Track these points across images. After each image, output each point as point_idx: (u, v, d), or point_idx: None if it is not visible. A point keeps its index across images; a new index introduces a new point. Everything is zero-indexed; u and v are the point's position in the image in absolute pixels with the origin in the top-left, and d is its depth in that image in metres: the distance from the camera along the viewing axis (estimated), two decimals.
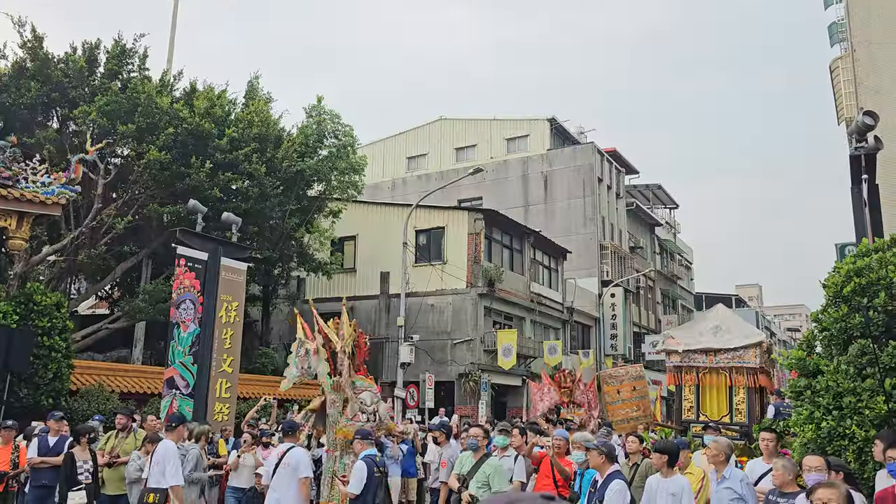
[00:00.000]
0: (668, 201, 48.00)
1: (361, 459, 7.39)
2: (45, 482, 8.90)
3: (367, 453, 7.47)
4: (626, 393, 15.00)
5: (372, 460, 7.37)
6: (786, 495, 5.76)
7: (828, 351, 7.20)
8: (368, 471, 7.18)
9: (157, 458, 7.57)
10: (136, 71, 20.03)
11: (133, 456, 8.80)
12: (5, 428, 9.41)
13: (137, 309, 18.62)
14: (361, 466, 7.25)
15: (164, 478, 7.46)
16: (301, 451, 7.97)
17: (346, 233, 26.96)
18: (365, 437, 7.74)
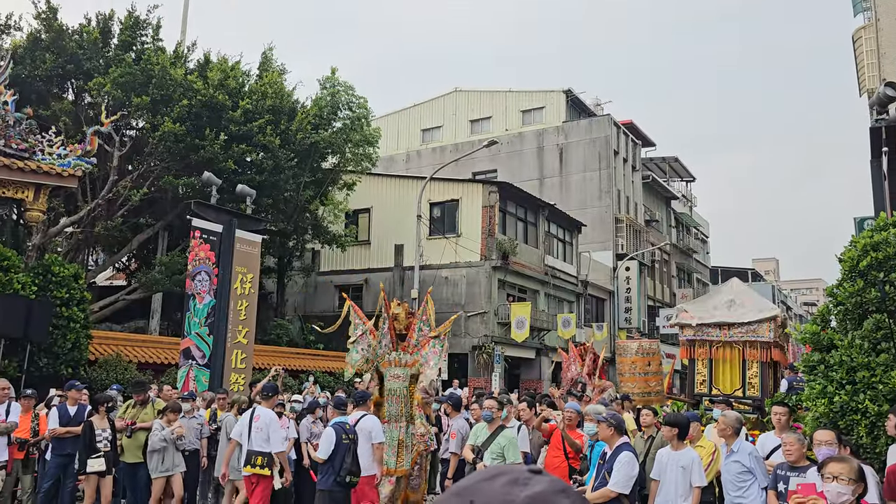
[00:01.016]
0: (685, 174, 47.51)
1: (331, 426, 7.73)
2: (69, 451, 9.07)
3: (337, 420, 7.81)
4: (639, 367, 14.98)
5: (341, 427, 7.63)
6: (796, 469, 5.75)
7: (842, 325, 7.15)
8: (336, 437, 7.50)
9: (261, 424, 8.11)
10: (150, 42, 19.99)
11: (155, 426, 8.94)
12: (25, 397, 9.58)
13: (154, 280, 18.80)
14: (330, 433, 7.61)
15: (267, 443, 8.03)
16: (374, 419, 8.35)
17: (361, 205, 26.97)
18: (338, 406, 8.16)
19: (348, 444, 7.56)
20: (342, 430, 7.63)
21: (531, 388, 24.82)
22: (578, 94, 38.65)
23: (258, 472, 8.03)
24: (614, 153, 35.85)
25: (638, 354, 14.88)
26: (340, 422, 7.78)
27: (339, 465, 7.47)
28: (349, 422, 7.87)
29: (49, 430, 9.06)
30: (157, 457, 8.88)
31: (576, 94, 38.38)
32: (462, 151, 33.02)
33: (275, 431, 8.16)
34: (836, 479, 3.94)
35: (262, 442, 8.08)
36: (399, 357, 9.37)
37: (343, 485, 7.49)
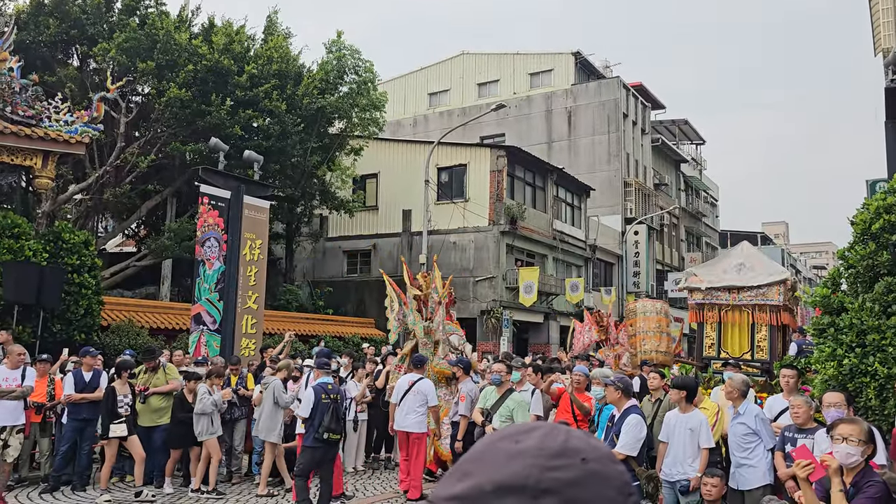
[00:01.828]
0: (695, 137, 47.05)
1: (312, 387, 8.22)
2: (85, 416, 9.24)
3: (320, 381, 8.25)
4: (650, 325, 14.99)
5: (322, 388, 8.08)
6: (804, 431, 5.79)
7: (853, 288, 7.13)
8: (316, 397, 7.96)
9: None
10: (154, 6, 19.80)
11: (202, 390, 9.16)
12: (40, 361, 9.71)
13: (163, 247, 18.89)
14: (310, 393, 8.11)
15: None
16: (429, 383, 9.16)
17: (368, 170, 26.89)
18: (321, 367, 8.54)
19: (328, 404, 7.96)
20: (322, 389, 8.06)
21: (540, 351, 24.97)
22: (587, 56, 38.12)
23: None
24: (623, 116, 35.49)
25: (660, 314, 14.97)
26: (323, 382, 8.21)
27: (318, 423, 7.86)
28: (331, 382, 8.34)
29: (65, 395, 9.20)
30: (205, 420, 9.13)
31: (585, 57, 37.86)
32: (470, 115, 32.74)
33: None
34: (845, 441, 3.97)
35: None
36: (427, 325, 10.06)
37: (322, 441, 7.89)
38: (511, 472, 0.75)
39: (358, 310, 25.86)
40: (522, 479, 0.74)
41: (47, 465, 9.77)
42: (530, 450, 0.77)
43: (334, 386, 8.35)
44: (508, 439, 0.80)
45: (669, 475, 6.60)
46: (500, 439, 0.81)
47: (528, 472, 0.75)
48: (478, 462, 0.78)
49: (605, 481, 0.76)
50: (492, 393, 8.03)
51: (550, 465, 0.75)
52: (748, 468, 6.40)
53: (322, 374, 8.41)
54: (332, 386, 8.24)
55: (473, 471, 0.77)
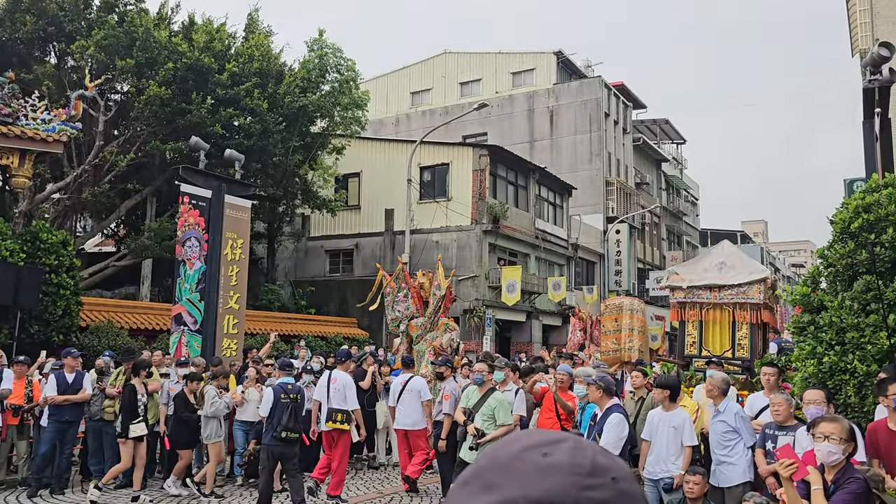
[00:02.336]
0: (676, 136, 47.37)
1: (271, 387, 8.55)
2: (67, 417, 9.14)
3: (280, 381, 8.55)
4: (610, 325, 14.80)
5: (282, 388, 8.38)
6: (784, 428, 5.85)
7: (832, 287, 7.20)
8: (275, 396, 8.29)
9: (338, 385, 9.01)
10: (133, 3, 19.58)
11: (211, 392, 9.26)
12: (18, 363, 9.58)
13: (143, 247, 18.70)
14: (269, 392, 8.46)
15: (345, 401, 8.92)
16: (421, 380, 9.56)
17: (350, 170, 26.79)
18: (283, 368, 8.86)
19: (287, 403, 8.25)
20: (282, 389, 8.35)
21: (523, 350, 25.03)
22: (569, 56, 38.26)
23: (338, 426, 8.88)
24: (605, 115, 35.65)
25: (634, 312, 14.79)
26: (283, 382, 8.50)
27: (277, 422, 8.16)
28: (291, 382, 8.65)
29: (48, 397, 9.07)
30: (214, 423, 9.25)
31: (566, 56, 37.99)
32: (452, 114, 32.73)
33: (350, 391, 9.03)
34: (827, 439, 4.00)
35: (340, 400, 8.92)
36: (425, 321, 10.54)
37: (281, 440, 8.18)
38: (546, 488, 0.73)
39: (340, 309, 25.76)
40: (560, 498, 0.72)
41: (25, 469, 9.64)
42: (563, 465, 0.75)
43: (294, 386, 8.66)
44: (534, 450, 0.77)
45: (653, 473, 6.63)
46: (525, 449, 0.78)
47: (566, 490, 0.72)
48: (504, 474, 0.75)
49: (634, 501, 0.75)
50: (474, 392, 8.03)
51: (586, 485, 0.73)
52: (729, 466, 6.46)
53: (283, 375, 8.71)
54: (291, 386, 8.54)
55: (500, 483, 0.74)
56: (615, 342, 14.10)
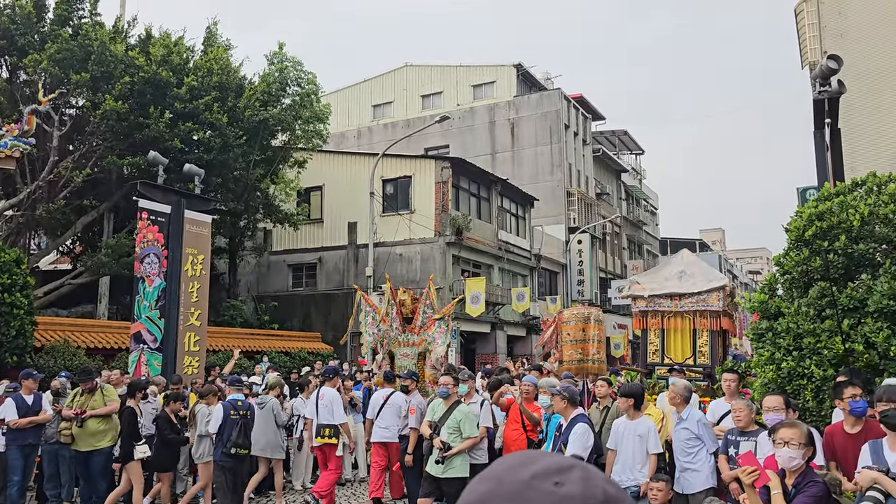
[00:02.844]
0: (634, 147, 48.15)
1: (221, 404, 8.61)
2: (30, 440, 8.86)
3: (230, 398, 8.66)
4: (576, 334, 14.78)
5: (232, 404, 8.50)
6: (746, 434, 5.95)
7: (789, 294, 7.37)
8: (224, 413, 8.39)
9: (326, 402, 9.09)
10: (88, 16, 19.23)
11: (203, 411, 9.21)
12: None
13: (100, 264, 18.30)
14: (219, 409, 8.53)
15: (332, 416, 9.01)
16: (402, 395, 9.69)
17: (313, 183, 26.64)
18: (233, 384, 8.98)
19: (237, 420, 8.36)
20: (232, 406, 8.47)
21: (487, 361, 25.07)
22: (529, 69, 38.67)
23: (327, 441, 9.03)
24: (565, 127, 36.07)
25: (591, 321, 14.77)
26: (233, 399, 8.63)
27: (227, 439, 8.25)
28: (242, 399, 8.72)
29: (10, 421, 8.75)
30: (207, 442, 9.16)
31: (526, 69, 38.40)
32: (414, 127, 32.80)
33: (337, 406, 9.13)
34: (787, 445, 4.08)
35: (328, 416, 9.05)
36: (407, 338, 10.75)
37: (230, 456, 8.28)
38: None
39: (304, 324, 25.52)
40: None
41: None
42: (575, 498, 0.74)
43: (244, 402, 8.72)
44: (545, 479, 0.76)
45: (619, 482, 6.67)
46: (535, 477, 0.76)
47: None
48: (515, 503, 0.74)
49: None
50: (439, 405, 8.01)
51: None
52: (692, 472, 6.54)
53: (233, 391, 8.81)
54: (241, 402, 8.62)
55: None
56: (580, 352, 14.10)
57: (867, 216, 6.71)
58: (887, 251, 6.75)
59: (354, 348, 24.47)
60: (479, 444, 7.85)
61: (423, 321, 11.03)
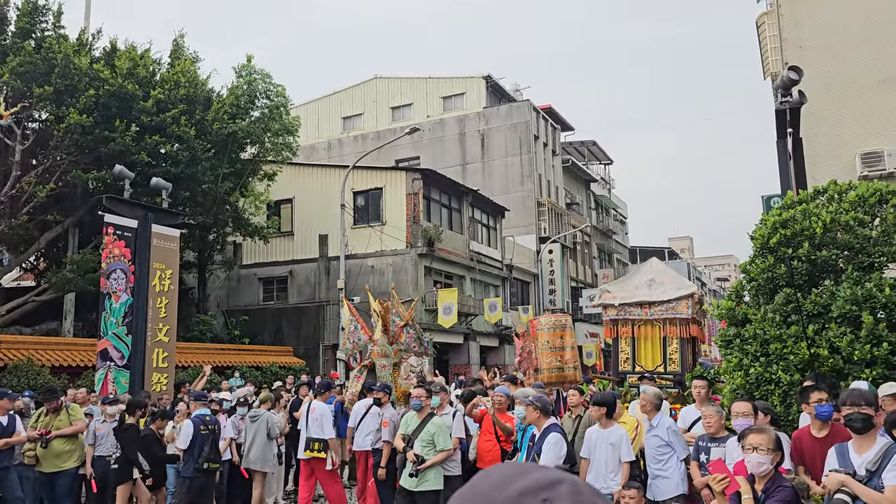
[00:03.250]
0: (603, 157, 48.64)
1: (190, 419, 8.59)
2: (6, 464, 8.55)
3: (198, 413, 8.65)
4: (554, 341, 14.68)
5: (200, 419, 8.50)
6: (716, 440, 6.01)
7: (755, 300, 7.49)
8: (194, 429, 8.38)
9: (316, 416, 9.17)
10: (51, 29, 18.94)
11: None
12: None
13: (65, 280, 17.96)
14: (188, 425, 8.50)
15: (322, 431, 9.10)
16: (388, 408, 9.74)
17: (283, 196, 26.48)
18: (198, 399, 9.01)
19: (207, 434, 8.38)
20: (201, 421, 8.46)
21: (461, 373, 25.04)
22: (498, 80, 38.95)
23: (315, 455, 9.10)
24: (534, 138, 36.35)
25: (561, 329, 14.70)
26: (200, 414, 8.63)
27: (198, 454, 8.26)
28: (209, 413, 8.75)
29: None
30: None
31: (495, 80, 38.66)
32: (384, 139, 32.80)
33: (327, 421, 9.20)
34: (755, 450, 4.13)
35: (317, 430, 9.13)
36: (384, 348, 10.87)
37: (202, 471, 8.30)
38: None
39: (276, 338, 25.28)
40: None
41: None
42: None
43: (212, 417, 8.76)
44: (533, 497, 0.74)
45: None
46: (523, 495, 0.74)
47: None
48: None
49: None
50: (413, 418, 7.98)
51: None
52: (663, 479, 6.59)
53: (200, 406, 8.82)
54: (209, 417, 8.65)
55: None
56: (559, 360, 14.09)
57: (829, 223, 6.85)
58: (849, 257, 6.90)
59: (327, 361, 24.30)
60: (452, 455, 7.83)
61: (394, 331, 11.10)
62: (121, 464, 8.57)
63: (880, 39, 15.05)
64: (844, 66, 15.24)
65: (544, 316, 14.19)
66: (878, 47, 15.03)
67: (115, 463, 8.72)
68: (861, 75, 15.06)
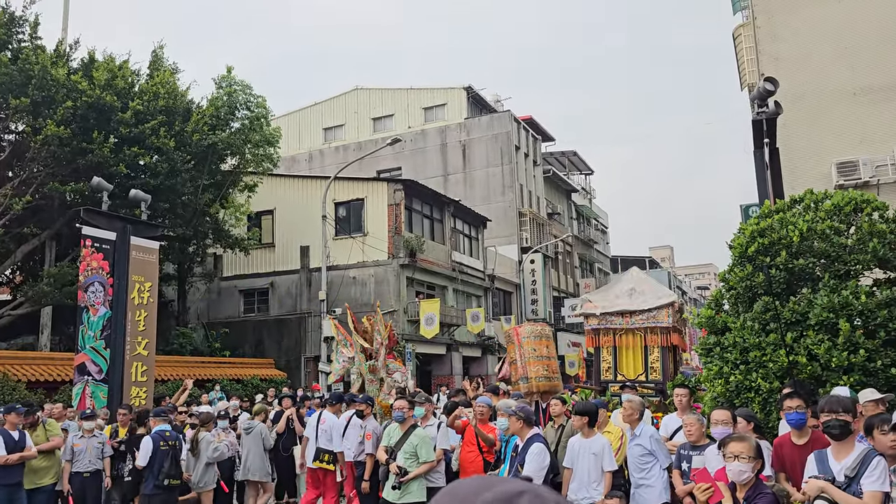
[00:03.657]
0: (584, 167, 48.94)
1: (149, 435, 8.53)
2: (18, 479, 8.31)
3: (157, 429, 8.59)
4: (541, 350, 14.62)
5: (160, 435, 8.46)
6: (697, 448, 6.04)
7: (734, 309, 7.56)
8: (154, 445, 8.34)
9: (326, 427, 9.37)
10: (28, 40, 18.77)
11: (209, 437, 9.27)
12: None
13: (42, 293, 17.72)
14: (147, 441, 8.44)
15: (331, 443, 9.27)
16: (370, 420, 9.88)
17: (264, 207, 26.35)
18: (158, 415, 8.92)
19: (167, 450, 8.36)
20: (161, 437, 8.43)
21: (443, 383, 25.00)
22: (479, 91, 39.13)
23: (324, 466, 9.29)
24: (515, 148, 36.51)
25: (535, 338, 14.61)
26: (160, 430, 8.56)
27: (158, 471, 8.22)
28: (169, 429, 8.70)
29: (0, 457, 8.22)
30: (212, 469, 9.29)
31: (476, 91, 38.84)
32: (365, 150, 32.80)
33: (336, 433, 9.31)
34: (737, 458, 4.15)
35: (326, 441, 9.30)
36: (373, 364, 11.09)
37: (162, 488, 8.24)
38: None
39: (257, 350, 25.10)
40: None
41: None
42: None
43: (172, 433, 8.70)
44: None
45: (576, 500, 6.70)
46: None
47: None
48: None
49: None
50: (395, 430, 7.94)
51: None
52: (646, 488, 6.60)
53: (160, 422, 8.75)
54: (169, 433, 8.60)
55: None
56: (546, 368, 14.05)
57: (806, 232, 6.94)
58: (826, 265, 6.98)
59: (308, 373, 24.15)
60: (436, 467, 7.79)
61: (376, 347, 11.24)
62: (134, 475, 8.79)
63: (854, 51, 15.32)
64: (820, 77, 15.48)
65: (527, 324, 14.11)
66: (853, 59, 15.30)
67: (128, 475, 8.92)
68: (836, 86, 15.31)
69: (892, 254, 6.87)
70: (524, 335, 13.87)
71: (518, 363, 14.04)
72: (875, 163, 14.69)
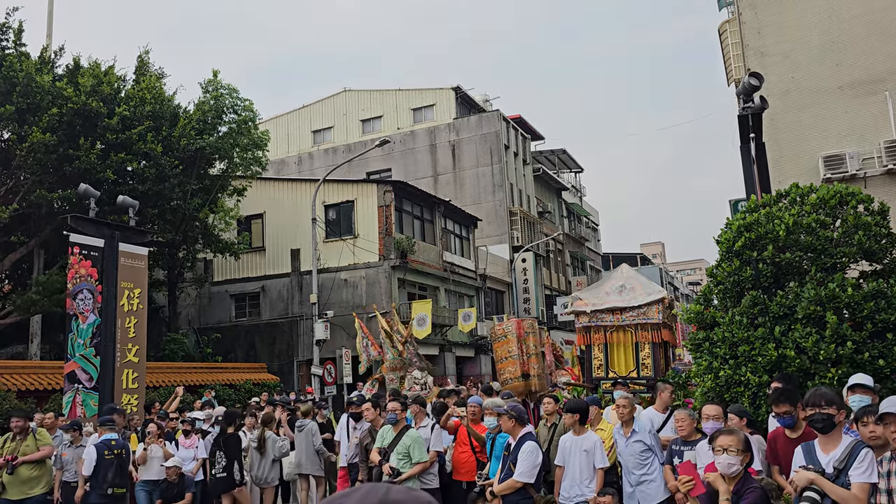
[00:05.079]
0: (574, 165, 49.02)
1: (93, 445, 8.54)
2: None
3: (104, 438, 8.58)
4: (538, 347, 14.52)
5: (105, 445, 8.44)
6: (688, 443, 6.06)
7: (723, 303, 7.58)
8: (98, 454, 8.32)
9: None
10: (12, 47, 18.65)
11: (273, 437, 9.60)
12: None
13: (31, 302, 17.61)
14: (91, 451, 8.43)
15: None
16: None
17: (253, 211, 26.28)
18: (104, 424, 8.88)
19: (112, 460, 8.33)
20: (105, 446, 8.41)
21: (437, 384, 24.96)
22: (467, 91, 39.13)
23: None
24: (505, 147, 36.54)
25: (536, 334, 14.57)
26: (106, 439, 8.53)
27: (103, 479, 8.24)
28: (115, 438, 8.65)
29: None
30: (277, 466, 9.64)
31: (465, 91, 38.84)
32: (355, 152, 32.76)
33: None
34: (725, 452, 4.17)
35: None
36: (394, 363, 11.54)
37: (107, 497, 8.22)
38: None
39: (249, 355, 25.02)
40: None
41: None
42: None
43: (118, 441, 8.69)
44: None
45: (568, 498, 6.70)
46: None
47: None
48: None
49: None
50: (388, 431, 7.92)
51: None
52: (649, 483, 6.57)
53: (106, 431, 8.70)
54: (115, 442, 8.58)
55: None
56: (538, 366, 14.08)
57: (792, 226, 6.96)
58: (812, 259, 7.01)
59: (301, 377, 24.10)
60: (429, 468, 7.78)
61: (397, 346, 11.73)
62: (228, 472, 8.91)
63: (840, 46, 15.39)
64: (805, 71, 15.55)
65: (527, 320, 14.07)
66: (838, 53, 15.37)
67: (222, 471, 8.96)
68: (822, 81, 15.38)
69: (878, 246, 6.91)
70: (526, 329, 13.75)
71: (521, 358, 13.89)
72: (862, 156, 14.77)
